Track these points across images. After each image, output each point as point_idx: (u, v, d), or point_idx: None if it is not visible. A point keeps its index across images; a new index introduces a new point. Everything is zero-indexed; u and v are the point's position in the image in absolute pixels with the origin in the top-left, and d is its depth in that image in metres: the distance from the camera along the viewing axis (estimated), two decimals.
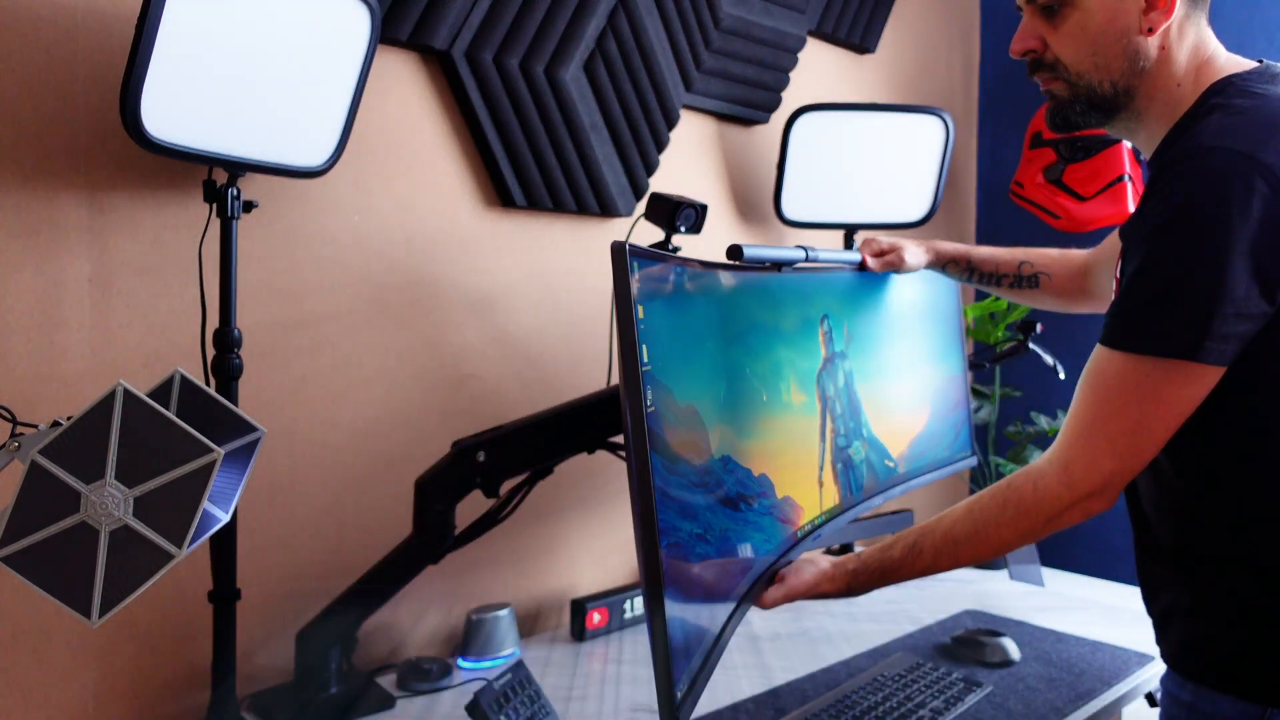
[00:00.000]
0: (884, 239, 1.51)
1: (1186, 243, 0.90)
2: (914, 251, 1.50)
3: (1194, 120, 0.99)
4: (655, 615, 0.89)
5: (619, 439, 1.42)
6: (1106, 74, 1.02)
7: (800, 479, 1.27)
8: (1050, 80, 1.06)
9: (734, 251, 1.15)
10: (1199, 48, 1.03)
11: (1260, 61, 1.03)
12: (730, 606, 1.09)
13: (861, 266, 1.50)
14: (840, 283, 1.43)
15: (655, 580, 0.89)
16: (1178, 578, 1.03)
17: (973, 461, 1.76)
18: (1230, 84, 0.99)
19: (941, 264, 1.51)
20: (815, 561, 1.19)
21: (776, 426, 1.23)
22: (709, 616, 1.03)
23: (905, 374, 1.57)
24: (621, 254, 0.92)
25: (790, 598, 1.17)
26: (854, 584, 1.14)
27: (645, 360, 0.92)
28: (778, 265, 1.26)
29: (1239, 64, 1.02)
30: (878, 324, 1.51)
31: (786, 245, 1.25)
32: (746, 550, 1.13)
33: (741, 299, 1.18)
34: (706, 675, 1.00)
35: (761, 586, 1.20)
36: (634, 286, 0.92)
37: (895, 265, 1.50)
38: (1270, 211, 0.87)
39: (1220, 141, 0.91)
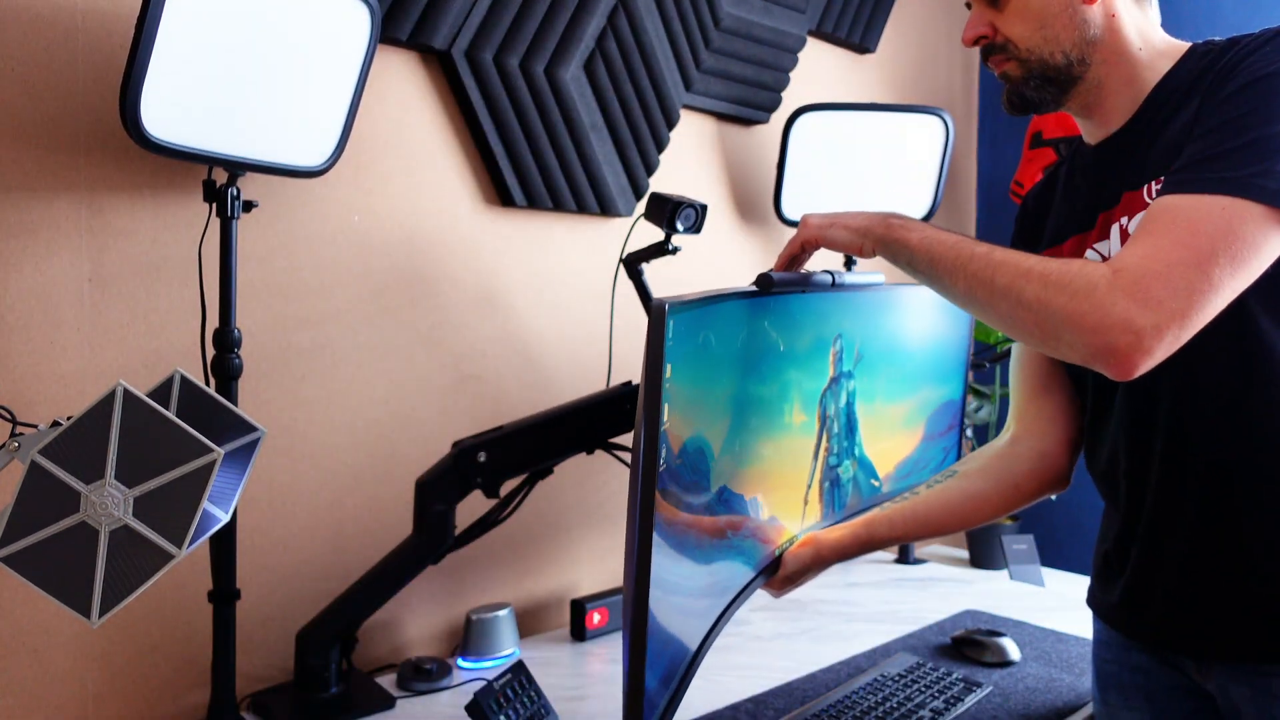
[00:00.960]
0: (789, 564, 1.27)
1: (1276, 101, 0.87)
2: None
3: (1206, 59, 0.97)
4: (635, 659, 0.89)
5: (618, 440, 1.42)
6: (1057, 45, 1.02)
7: (787, 498, 1.27)
8: (1002, 61, 1.06)
9: (764, 281, 1.15)
10: (1154, 27, 1.04)
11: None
12: (703, 634, 1.09)
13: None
14: (858, 301, 1.42)
15: (639, 640, 0.89)
16: None
17: None
18: (1212, 41, 0.99)
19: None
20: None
21: (774, 448, 1.23)
22: (685, 642, 1.03)
23: (906, 395, 1.56)
24: (661, 314, 0.89)
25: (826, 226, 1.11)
26: (888, 228, 1.06)
27: (666, 419, 0.92)
28: (804, 285, 1.26)
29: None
30: (888, 344, 1.50)
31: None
32: (723, 576, 1.13)
33: (761, 323, 1.18)
34: (678, 702, 1.00)
35: (767, 576, 1.21)
36: (668, 345, 0.90)
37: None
38: None
39: None
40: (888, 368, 1.50)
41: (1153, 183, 0.98)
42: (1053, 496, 1.22)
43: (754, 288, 1.15)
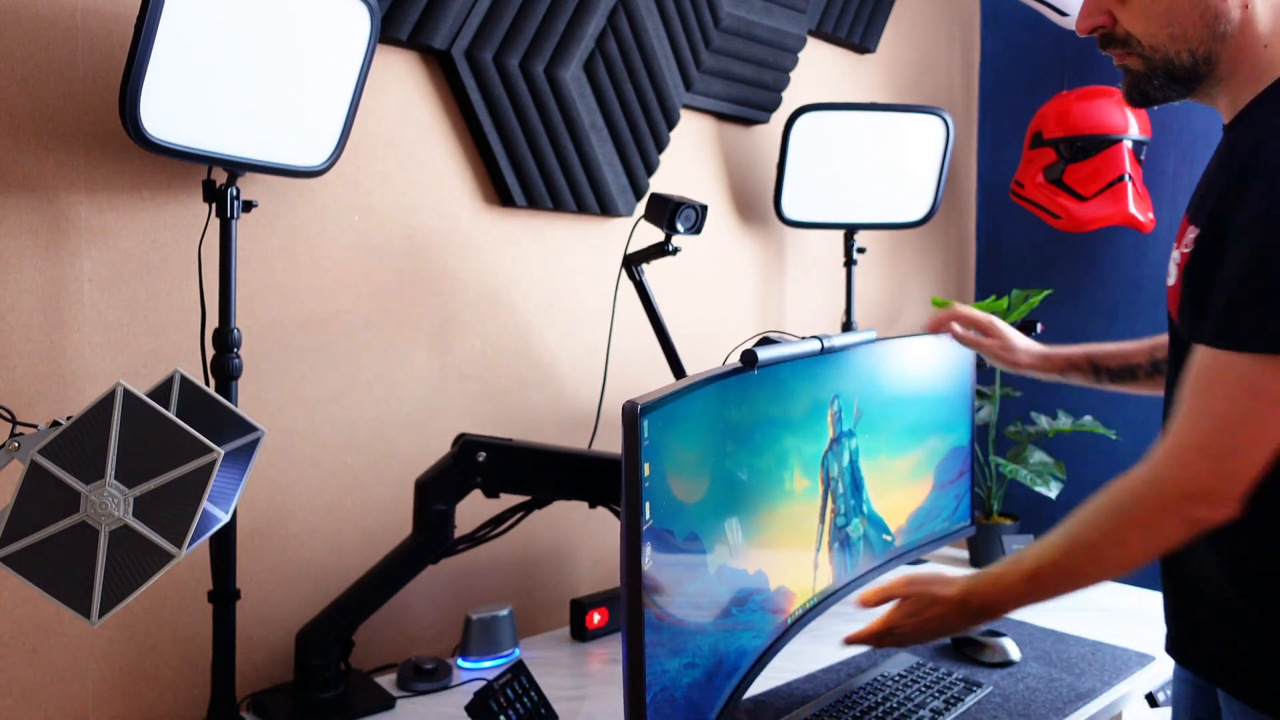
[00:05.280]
0: (979, 314, 1.40)
1: None
2: (1021, 350, 1.39)
3: None
4: None
5: None
6: (1184, 43, 0.94)
7: (796, 564, 1.27)
8: (1124, 55, 0.99)
9: (748, 358, 1.14)
10: None
11: None
12: (717, 708, 1.09)
13: (936, 327, 1.44)
14: (853, 360, 1.41)
15: None
16: (1241, 593, 0.95)
17: (970, 531, 1.74)
18: None
19: (1060, 371, 1.39)
20: (919, 586, 1.11)
21: (777, 517, 1.23)
22: None
23: (911, 446, 1.54)
24: (633, 416, 0.91)
25: (902, 641, 1.11)
26: (987, 607, 1.06)
27: (648, 517, 0.93)
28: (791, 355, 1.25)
29: None
30: (888, 398, 1.49)
31: (795, 338, 1.23)
32: (733, 653, 1.13)
33: (750, 396, 1.17)
34: None
35: (798, 627, 1.24)
36: (644, 445, 0.92)
37: (992, 352, 1.40)
38: None
39: None
40: (890, 421, 1.49)
41: (1191, 228, 0.95)
42: (1052, 495, 1.22)
43: (738, 365, 1.15)
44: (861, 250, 2.11)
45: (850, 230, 2.09)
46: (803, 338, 1.27)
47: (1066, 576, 0.98)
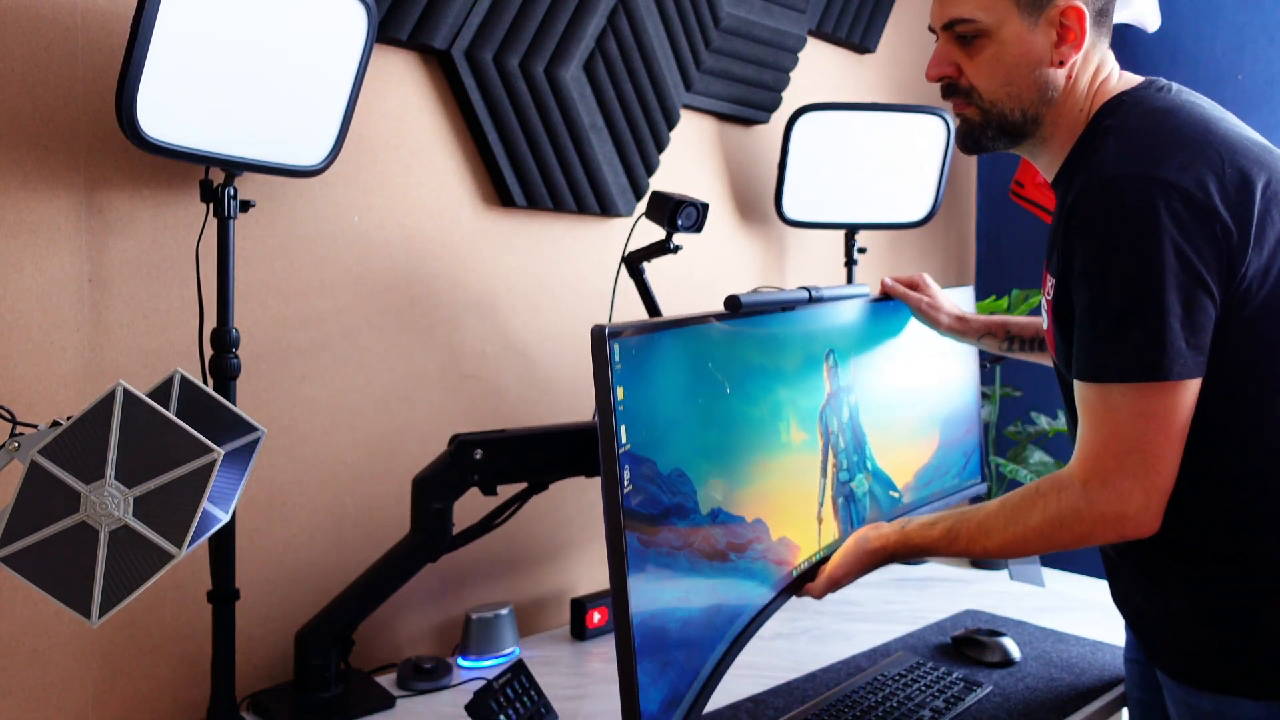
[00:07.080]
0: (909, 276, 1.49)
1: (1122, 276, 0.93)
2: (945, 311, 1.46)
3: (1090, 144, 1.03)
4: (627, 696, 0.91)
5: None
6: (1018, 102, 1.06)
7: (798, 518, 1.27)
8: (964, 105, 1.10)
9: (731, 303, 1.15)
10: (1098, 71, 1.07)
11: (1145, 79, 1.08)
12: (717, 657, 1.09)
13: (883, 293, 1.47)
14: (847, 315, 1.41)
15: (629, 667, 0.92)
16: (1170, 581, 1.04)
17: (982, 488, 1.73)
18: (1120, 103, 1.03)
19: (975, 335, 1.47)
20: (854, 543, 1.21)
21: (774, 468, 1.23)
22: (693, 664, 1.04)
23: (913, 403, 1.54)
24: (601, 339, 0.92)
25: (835, 585, 1.20)
26: (895, 556, 1.18)
27: (624, 441, 0.94)
28: (780, 305, 1.26)
29: (1128, 81, 1.07)
30: (886, 354, 1.48)
31: (788, 287, 1.25)
32: (734, 598, 1.13)
33: (738, 346, 1.17)
34: None
35: (806, 579, 1.25)
36: (614, 368, 0.93)
37: (918, 306, 1.46)
38: (1185, 222, 0.91)
39: (1121, 169, 0.94)
40: (890, 377, 1.48)
41: (1049, 276, 1.05)
42: None
43: (722, 310, 1.15)
44: (862, 250, 2.11)
45: (851, 230, 2.09)
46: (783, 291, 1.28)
47: (990, 551, 1.08)
